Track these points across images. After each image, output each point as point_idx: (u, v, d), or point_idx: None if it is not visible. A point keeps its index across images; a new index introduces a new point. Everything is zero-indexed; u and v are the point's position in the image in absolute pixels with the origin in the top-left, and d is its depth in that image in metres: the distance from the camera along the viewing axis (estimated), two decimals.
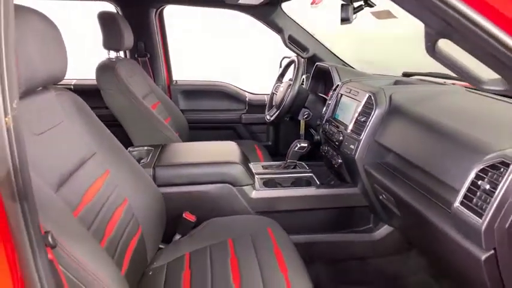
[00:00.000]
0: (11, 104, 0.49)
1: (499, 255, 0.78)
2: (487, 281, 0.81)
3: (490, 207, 0.76)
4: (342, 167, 1.50)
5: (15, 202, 0.51)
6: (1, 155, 0.48)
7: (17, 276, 0.52)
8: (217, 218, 1.34)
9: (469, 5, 0.60)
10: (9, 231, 0.51)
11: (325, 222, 1.53)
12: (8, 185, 0.49)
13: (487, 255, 0.79)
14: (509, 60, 0.63)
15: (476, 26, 0.61)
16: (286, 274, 1.04)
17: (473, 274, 0.86)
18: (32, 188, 0.53)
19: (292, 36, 2.11)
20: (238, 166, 1.41)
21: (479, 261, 0.80)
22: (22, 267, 0.53)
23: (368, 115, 1.34)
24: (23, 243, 0.52)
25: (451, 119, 1.05)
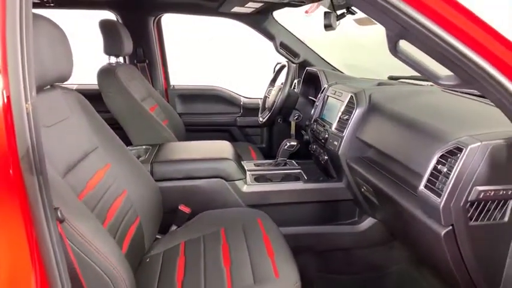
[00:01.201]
0: (30, 93, 0.59)
1: (456, 230, 0.88)
2: (447, 254, 0.91)
3: (446, 188, 0.86)
4: (328, 163, 1.61)
5: (33, 175, 0.60)
6: (22, 135, 0.58)
7: (33, 247, 0.58)
8: (211, 211, 1.44)
9: (417, 9, 0.71)
10: (27, 203, 0.59)
11: (313, 215, 1.63)
12: (27, 160, 0.59)
13: (446, 231, 0.89)
14: (456, 59, 0.74)
15: (425, 28, 0.72)
16: (272, 258, 1.13)
17: (437, 251, 0.96)
18: (46, 166, 0.63)
19: (283, 42, 2.23)
20: (230, 162, 1.51)
21: (439, 236, 0.90)
22: (38, 237, 0.59)
23: (350, 114, 1.45)
24: (39, 214, 0.59)
25: (420, 113, 1.16)
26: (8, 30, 0.53)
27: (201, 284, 1.06)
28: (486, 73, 0.74)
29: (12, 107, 0.54)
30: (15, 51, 0.53)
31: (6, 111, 0.54)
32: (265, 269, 1.08)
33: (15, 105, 0.54)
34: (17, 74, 0.54)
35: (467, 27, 0.73)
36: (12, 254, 0.57)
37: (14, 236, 0.57)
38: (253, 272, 1.07)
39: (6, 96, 0.54)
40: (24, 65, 0.56)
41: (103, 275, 0.82)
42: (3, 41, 0.53)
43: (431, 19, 0.72)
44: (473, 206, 0.87)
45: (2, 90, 0.53)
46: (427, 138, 1.03)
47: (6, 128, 0.54)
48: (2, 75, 0.53)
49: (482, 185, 0.85)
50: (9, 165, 0.56)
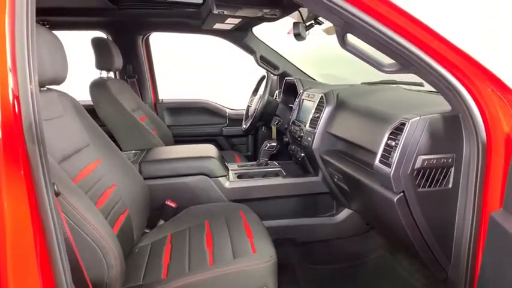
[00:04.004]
0: (34, 77, 0.71)
1: (407, 196, 1.00)
2: (402, 219, 1.03)
3: (394, 158, 0.99)
4: (305, 159, 1.74)
5: (35, 144, 0.71)
6: (27, 110, 0.69)
7: (34, 213, 0.66)
8: (196, 206, 1.54)
9: (355, 6, 0.87)
10: (30, 172, 0.66)
11: (293, 208, 1.73)
12: (30, 132, 0.70)
13: (398, 197, 1.01)
14: (394, 48, 0.89)
15: (364, 22, 0.88)
16: (251, 239, 1.23)
17: (394, 218, 1.07)
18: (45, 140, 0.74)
19: (263, 56, 2.41)
20: (213, 160, 1.63)
21: (393, 202, 1.02)
22: (39, 203, 0.66)
23: (321, 112, 1.59)
24: (39, 181, 0.67)
25: (378, 104, 1.31)
26: (17, 37, 0.64)
27: (186, 264, 1.15)
28: (418, 57, 0.89)
29: (20, 96, 0.65)
30: (22, 55, 0.65)
31: (15, 98, 0.65)
32: (243, 247, 1.18)
33: (22, 94, 0.65)
34: (24, 72, 0.65)
35: (400, 21, 0.88)
36: (15, 218, 0.64)
37: (18, 202, 0.65)
38: (233, 250, 1.17)
39: (15, 88, 0.65)
40: (30, 65, 0.68)
41: (94, 245, 0.92)
42: (12, 46, 0.64)
43: (368, 14, 0.87)
44: (420, 174, 0.99)
45: (12, 85, 0.64)
46: (381, 122, 1.17)
47: (14, 113, 0.65)
48: (12, 73, 0.65)
49: (425, 154, 0.98)
50: (15, 139, 0.66)
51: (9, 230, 0.64)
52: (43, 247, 0.68)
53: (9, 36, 0.64)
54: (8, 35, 0.63)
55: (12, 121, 0.64)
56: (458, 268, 0.99)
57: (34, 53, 0.69)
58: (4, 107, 0.63)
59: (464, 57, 0.88)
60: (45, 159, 0.71)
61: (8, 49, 0.63)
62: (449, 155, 0.98)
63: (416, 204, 1.01)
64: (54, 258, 0.68)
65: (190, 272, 1.10)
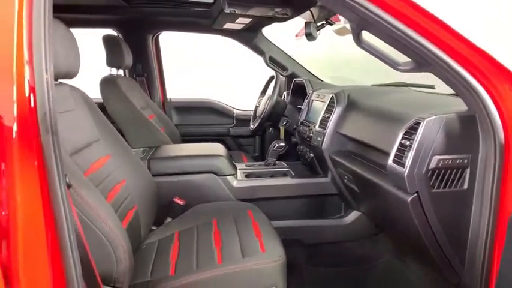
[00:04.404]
0: (50, 66, 0.71)
1: (421, 196, 0.99)
2: (415, 220, 1.01)
3: (409, 158, 0.97)
4: (314, 160, 1.72)
5: (49, 136, 0.71)
6: (42, 101, 0.69)
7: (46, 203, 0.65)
8: (204, 204, 1.53)
9: (372, 2, 0.86)
10: (43, 161, 0.66)
11: (300, 209, 1.72)
12: (45, 123, 0.70)
13: (412, 197, 0.99)
14: (411, 45, 0.88)
15: (382, 19, 0.87)
16: (260, 238, 1.22)
17: (406, 218, 1.05)
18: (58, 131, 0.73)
19: (272, 57, 2.41)
20: (221, 158, 1.62)
21: (406, 203, 1.00)
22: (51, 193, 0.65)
23: (331, 112, 1.58)
24: (53, 173, 0.66)
25: (390, 105, 1.29)
26: (34, 29, 0.64)
27: (193, 261, 1.14)
28: (435, 55, 0.88)
29: (36, 88, 0.65)
30: (39, 46, 0.64)
31: (31, 89, 0.65)
32: (252, 246, 1.17)
33: (38, 86, 0.65)
34: (40, 64, 0.65)
35: (416, 17, 0.87)
36: (27, 209, 0.63)
37: (31, 193, 0.64)
38: (241, 249, 1.16)
39: (31, 79, 0.65)
40: (46, 57, 0.68)
41: (104, 239, 0.91)
42: (29, 37, 0.64)
43: (384, 10, 0.86)
44: (435, 174, 0.98)
45: (28, 76, 0.64)
46: (394, 122, 1.15)
47: (29, 104, 0.65)
48: (29, 65, 0.64)
49: (441, 154, 0.96)
50: (30, 130, 0.66)
51: (21, 220, 0.63)
52: (54, 239, 0.67)
53: (27, 28, 0.64)
54: (25, 26, 0.63)
55: (28, 112, 0.64)
56: (473, 272, 0.97)
57: (51, 45, 0.69)
58: (20, 98, 0.62)
59: (482, 55, 0.86)
60: (58, 151, 0.70)
61: (25, 40, 0.63)
62: (465, 156, 0.96)
63: (430, 205, 0.99)
64: (64, 251, 0.67)
65: (198, 269, 1.09)
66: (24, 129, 0.63)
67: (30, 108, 0.64)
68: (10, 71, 0.62)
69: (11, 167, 0.62)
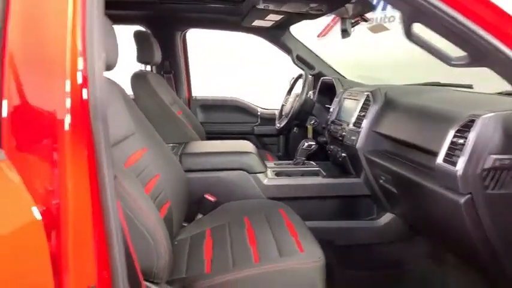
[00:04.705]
0: (101, 58, 0.70)
1: (474, 197, 0.93)
2: (467, 223, 0.95)
3: (463, 157, 0.92)
4: (346, 159, 1.68)
5: (99, 125, 0.69)
6: (94, 90, 0.68)
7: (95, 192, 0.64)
8: (234, 201, 1.51)
9: None
10: (93, 155, 0.64)
11: (331, 210, 1.67)
12: (96, 112, 0.68)
13: (465, 199, 0.94)
14: (468, 36, 0.83)
15: (437, 8, 0.82)
16: (296, 237, 1.19)
17: (457, 221, 1.00)
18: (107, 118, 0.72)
19: (299, 55, 2.37)
20: (252, 155, 1.59)
21: (458, 204, 0.95)
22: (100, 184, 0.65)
23: (366, 110, 1.53)
24: (102, 164, 0.65)
25: (434, 103, 1.24)
26: (87, 20, 0.63)
27: (229, 259, 1.11)
28: (496, 49, 0.82)
29: (88, 78, 0.63)
30: (91, 37, 0.63)
31: (84, 80, 0.64)
32: (289, 245, 1.13)
33: (91, 76, 0.63)
34: (93, 55, 0.64)
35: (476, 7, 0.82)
36: (77, 200, 0.62)
37: (81, 184, 0.63)
38: (278, 248, 1.13)
39: (84, 71, 0.63)
40: (98, 48, 0.67)
41: (145, 233, 0.89)
42: (83, 28, 0.63)
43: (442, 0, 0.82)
44: (490, 174, 0.92)
45: (81, 67, 0.63)
46: (443, 120, 1.10)
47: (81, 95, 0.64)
48: (83, 58, 0.63)
49: (497, 154, 0.91)
50: (82, 121, 0.65)
51: (71, 210, 0.62)
52: (101, 229, 0.66)
53: (81, 20, 0.63)
54: (79, 18, 0.62)
55: (80, 103, 0.63)
56: None
57: (102, 36, 0.68)
58: (73, 90, 0.62)
59: None
60: (107, 142, 0.69)
61: (78, 32, 0.62)
62: None
63: (485, 207, 0.94)
64: (110, 242, 0.66)
65: (234, 268, 1.06)
66: (76, 120, 0.62)
67: (82, 100, 0.64)
68: (63, 63, 0.61)
69: (63, 157, 0.62)
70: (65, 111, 0.61)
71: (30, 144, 0.64)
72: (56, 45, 0.62)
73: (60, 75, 0.61)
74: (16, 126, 0.62)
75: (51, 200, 0.61)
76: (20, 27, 0.63)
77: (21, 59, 0.63)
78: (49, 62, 0.63)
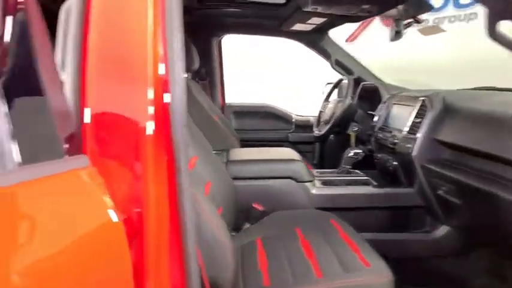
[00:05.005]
0: (182, 62, 0.66)
1: None
2: None
3: None
4: (398, 169, 1.59)
5: (180, 130, 0.64)
6: (175, 95, 0.63)
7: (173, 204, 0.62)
8: (282, 211, 1.44)
9: None
10: (173, 160, 0.62)
11: (382, 221, 1.58)
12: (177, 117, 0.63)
13: None
14: None
15: None
16: (358, 251, 1.11)
17: None
18: None
19: (338, 60, 2.30)
20: (300, 163, 1.53)
21: None
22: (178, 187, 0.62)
23: (422, 117, 1.45)
24: (181, 169, 0.62)
25: (501, 108, 1.15)
26: (167, 24, 0.61)
27: (288, 273, 1.04)
28: None
29: (169, 83, 0.60)
30: (171, 44, 0.61)
31: (165, 85, 0.61)
32: (352, 260, 1.06)
33: (172, 81, 0.61)
34: (173, 61, 0.61)
35: None
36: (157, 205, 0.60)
37: (160, 189, 0.61)
38: (340, 262, 1.05)
39: (166, 76, 0.61)
40: (179, 54, 0.64)
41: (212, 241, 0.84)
42: (163, 36, 0.61)
43: None
44: None
45: (164, 73, 0.61)
46: None
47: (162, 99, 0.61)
48: (164, 63, 0.61)
49: None
50: (164, 125, 0.61)
51: (152, 217, 0.60)
52: (178, 237, 0.63)
53: (161, 25, 0.61)
54: (159, 23, 0.61)
55: (162, 108, 0.61)
56: None
57: (181, 41, 0.65)
58: (156, 95, 0.60)
59: None
60: (186, 148, 0.66)
61: (159, 36, 0.60)
62: None
63: None
64: (186, 252, 0.63)
65: (296, 283, 0.99)
66: (158, 125, 0.60)
67: (164, 105, 0.61)
68: (145, 68, 0.59)
69: (145, 164, 0.60)
70: (147, 117, 0.59)
71: (112, 151, 0.62)
72: (137, 51, 0.61)
73: (142, 81, 0.60)
74: (99, 132, 0.61)
75: (133, 208, 0.59)
76: (101, 35, 0.61)
77: (103, 66, 0.62)
78: (130, 68, 0.61)
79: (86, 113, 0.60)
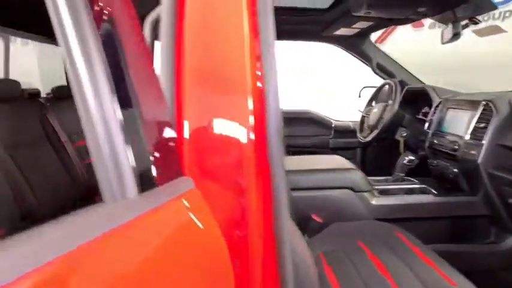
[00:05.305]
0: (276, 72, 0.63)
1: None
2: None
3: None
4: (459, 176, 1.52)
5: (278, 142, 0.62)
6: (271, 109, 0.61)
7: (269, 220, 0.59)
8: (342, 223, 1.40)
9: None
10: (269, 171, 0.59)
11: (444, 232, 1.52)
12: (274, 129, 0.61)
13: None
14: None
15: None
16: (436, 268, 1.05)
17: None
18: None
19: (379, 63, 2.25)
20: (358, 172, 1.48)
21: None
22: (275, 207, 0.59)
23: (487, 121, 1.38)
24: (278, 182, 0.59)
25: None
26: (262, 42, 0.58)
27: None
28: None
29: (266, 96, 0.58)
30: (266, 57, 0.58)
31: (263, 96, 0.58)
32: (434, 277, 1.00)
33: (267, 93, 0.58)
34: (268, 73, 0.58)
35: None
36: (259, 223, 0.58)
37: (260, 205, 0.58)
38: (421, 280, 1.00)
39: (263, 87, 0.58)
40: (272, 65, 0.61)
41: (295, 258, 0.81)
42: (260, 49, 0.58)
43: None
44: None
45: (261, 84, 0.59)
46: None
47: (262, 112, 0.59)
48: (261, 73, 0.58)
49: None
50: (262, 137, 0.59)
51: (255, 238, 0.57)
52: (273, 262, 0.60)
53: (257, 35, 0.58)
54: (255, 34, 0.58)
55: (260, 121, 0.58)
56: None
57: (274, 51, 0.62)
58: (254, 108, 0.57)
59: None
60: (284, 164, 0.63)
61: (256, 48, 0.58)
62: None
63: None
64: (283, 276, 0.60)
65: None
66: (258, 137, 0.57)
67: (262, 116, 0.58)
68: (244, 79, 0.57)
69: (248, 183, 0.57)
70: (248, 130, 0.56)
71: (211, 167, 0.60)
72: (235, 63, 0.58)
73: (242, 92, 0.57)
74: (197, 147, 0.58)
75: (236, 230, 0.57)
76: (196, 50, 0.60)
77: (199, 79, 0.59)
78: (228, 79, 0.59)
79: (185, 126, 0.58)
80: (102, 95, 0.42)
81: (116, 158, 0.43)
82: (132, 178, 0.45)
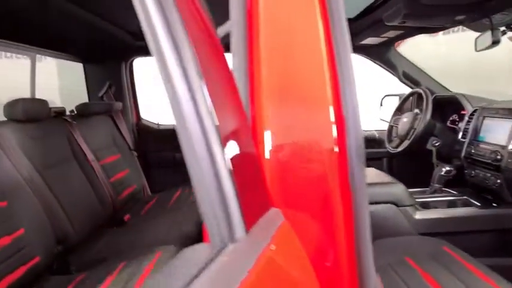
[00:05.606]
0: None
1: None
2: None
3: None
4: (503, 187, 1.47)
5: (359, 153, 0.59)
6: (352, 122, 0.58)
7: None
8: (386, 239, 1.35)
9: None
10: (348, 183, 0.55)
11: (490, 245, 1.46)
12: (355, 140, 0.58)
13: None
14: None
15: None
16: (494, 284, 1.00)
17: None
18: None
19: (405, 72, 2.22)
20: (401, 186, 1.44)
21: None
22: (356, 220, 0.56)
23: None
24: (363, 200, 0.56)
25: None
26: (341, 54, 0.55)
27: None
28: None
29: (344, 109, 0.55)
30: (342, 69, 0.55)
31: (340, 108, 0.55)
32: None
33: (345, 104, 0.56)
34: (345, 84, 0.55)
35: None
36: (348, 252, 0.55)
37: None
38: None
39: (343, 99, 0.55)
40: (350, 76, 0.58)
41: None
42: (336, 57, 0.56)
43: None
44: None
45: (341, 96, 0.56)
46: None
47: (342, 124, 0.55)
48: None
49: None
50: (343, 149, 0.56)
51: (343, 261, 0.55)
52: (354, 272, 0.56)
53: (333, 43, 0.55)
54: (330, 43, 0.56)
55: (341, 133, 0.55)
56: None
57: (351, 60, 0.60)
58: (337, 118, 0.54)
59: None
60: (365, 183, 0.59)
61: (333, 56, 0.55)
62: None
63: None
64: None
65: None
66: (341, 150, 0.54)
67: (342, 128, 0.55)
68: (324, 92, 0.54)
69: (336, 210, 0.54)
70: (332, 144, 0.53)
71: (297, 193, 0.56)
72: (313, 74, 0.56)
73: (321, 105, 0.55)
74: (278, 168, 0.55)
75: (324, 260, 0.54)
76: (273, 64, 0.57)
77: (278, 97, 0.56)
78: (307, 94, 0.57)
79: (266, 147, 0.54)
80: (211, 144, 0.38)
81: (223, 198, 0.40)
82: (240, 218, 0.42)
